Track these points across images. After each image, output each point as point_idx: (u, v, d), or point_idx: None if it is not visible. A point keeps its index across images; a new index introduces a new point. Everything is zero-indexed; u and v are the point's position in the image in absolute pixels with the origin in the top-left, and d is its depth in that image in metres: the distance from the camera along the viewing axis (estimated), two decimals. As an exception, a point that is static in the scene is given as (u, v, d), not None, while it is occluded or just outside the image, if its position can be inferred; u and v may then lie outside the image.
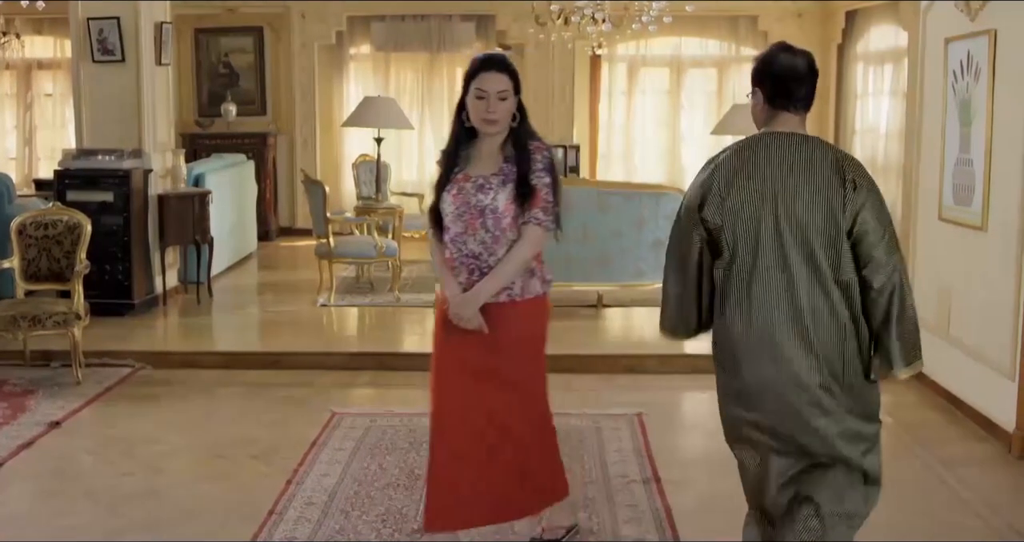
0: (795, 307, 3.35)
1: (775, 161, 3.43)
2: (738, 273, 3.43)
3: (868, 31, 11.64)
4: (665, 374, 7.15)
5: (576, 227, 8.07)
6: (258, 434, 5.82)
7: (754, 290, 3.39)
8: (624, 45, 13.10)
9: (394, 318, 8.60)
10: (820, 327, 3.34)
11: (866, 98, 11.85)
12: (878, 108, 11.39)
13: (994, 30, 5.72)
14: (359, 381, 6.99)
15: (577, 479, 5.09)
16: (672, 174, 13.37)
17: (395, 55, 13.03)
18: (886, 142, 11.01)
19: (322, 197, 8.88)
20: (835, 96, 12.79)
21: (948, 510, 4.82)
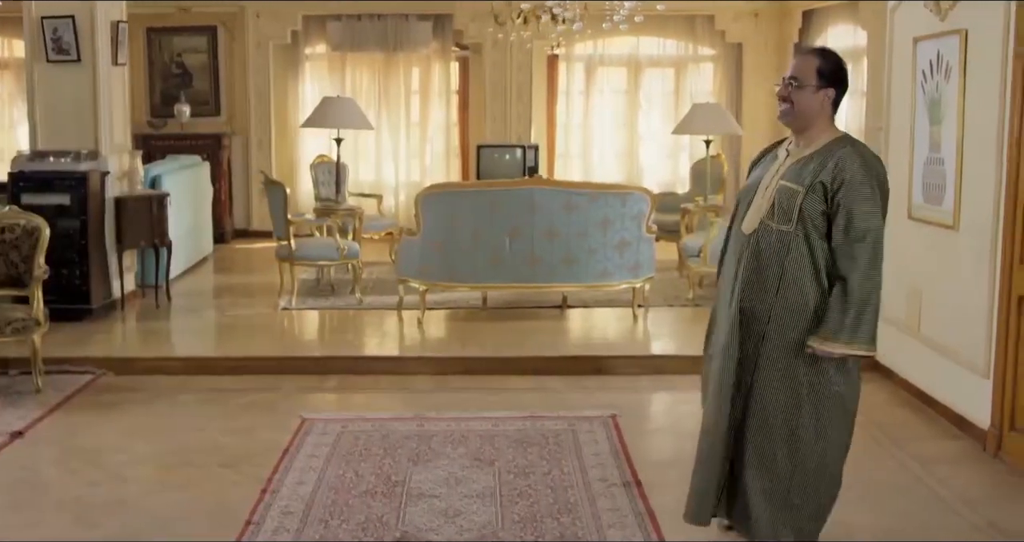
0: None
1: None
2: None
3: (825, 30, 11.68)
4: (632, 375, 7.12)
5: (542, 227, 8.02)
6: (226, 441, 5.70)
7: None
8: (582, 45, 13.07)
9: (358, 321, 8.48)
10: None
11: (823, 97, 11.88)
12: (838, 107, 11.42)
13: (965, 30, 5.74)
14: (326, 385, 6.88)
15: (557, 483, 5.04)
16: (630, 174, 13.35)
17: (351, 55, 12.89)
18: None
19: (282, 199, 8.75)
20: (792, 95, 12.82)
21: (927, 509, 4.82)
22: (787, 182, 3.83)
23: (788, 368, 3.84)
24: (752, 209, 3.95)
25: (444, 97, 13.11)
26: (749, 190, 4.02)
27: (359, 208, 10.11)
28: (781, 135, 12.72)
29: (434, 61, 12.97)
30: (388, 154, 13.12)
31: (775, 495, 3.95)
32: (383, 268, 10.39)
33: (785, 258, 3.80)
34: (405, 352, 7.57)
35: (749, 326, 3.88)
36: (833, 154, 3.82)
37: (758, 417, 3.90)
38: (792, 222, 3.79)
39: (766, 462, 3.93)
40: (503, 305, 8.86)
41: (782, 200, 3.82)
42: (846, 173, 3.75)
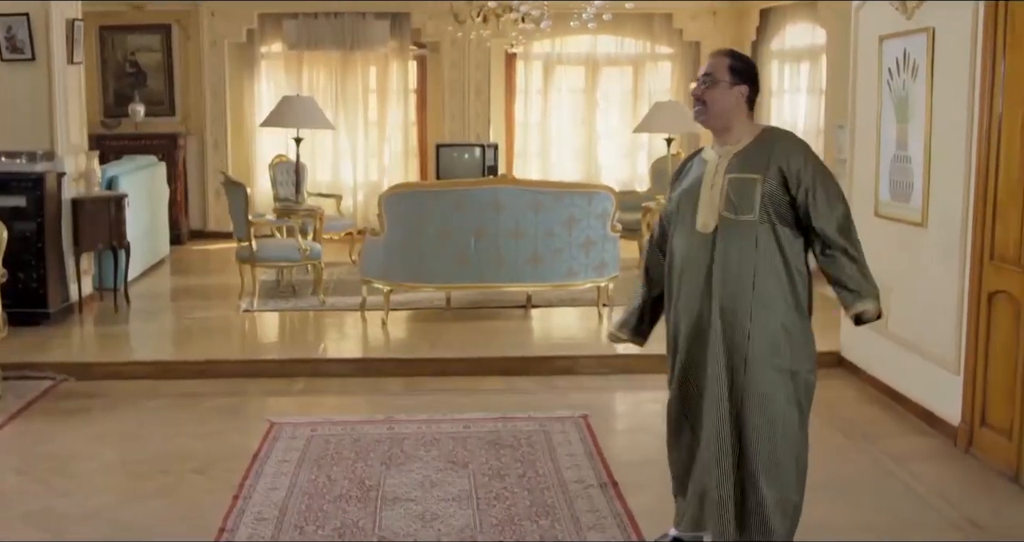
0: None
1: None
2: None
3: (783, 29, 11.75)
4: (601, 375, 7.11)
5: (508, 227, 7.98)
6: (195, 447, 5.60)
7: None
8: (540, 43, 13.06)
9: (321, 322, 8.40)
10: None
11: (782, 95, 11.96)
12: (795, 105, 11.50)
13: (932, 28, 5.77)
14: (293, 389, 6.79)
15: (534, 485, 5.01)
16: (589, 172, 13.36)
17: (308, 53, 12.78)
18: (804, 138, 11.09)
19: (243, 199, 8.63)
20: (749, 93, 12.88)
21: (904, 505, 4.83)
22: (738, 174, 3.79)
23: (775, 363, 3.80)
24: (702, 209, 3.86)
25: (402, 96, 13.04)
26: (690, 193, 3.93)
27: (319, 208, 10.01)
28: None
29: (392, 60, 12.90)
30: (346, 154, 13.02)
31: (785, 499, 3.87)
32: (343, 269, 10.32)
33: (755, 250, 3.76)
34: (373, 354, 7.49)
35: (733, 326, 3.82)
36: (771, 141, 3.84)
37: (758, 420, 3.83)
38: (755, 211, 3.75)
39: (775, 467, 3.83)
40: (467, 305, 8.82)
41: (738, 191, 3.77)
42: (796, 155, 3.78)
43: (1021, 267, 4.97)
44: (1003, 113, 5.11)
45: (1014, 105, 5.02)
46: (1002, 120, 5.13)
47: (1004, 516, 4.68)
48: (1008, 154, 5.08)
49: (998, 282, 5.16)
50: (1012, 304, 5.05)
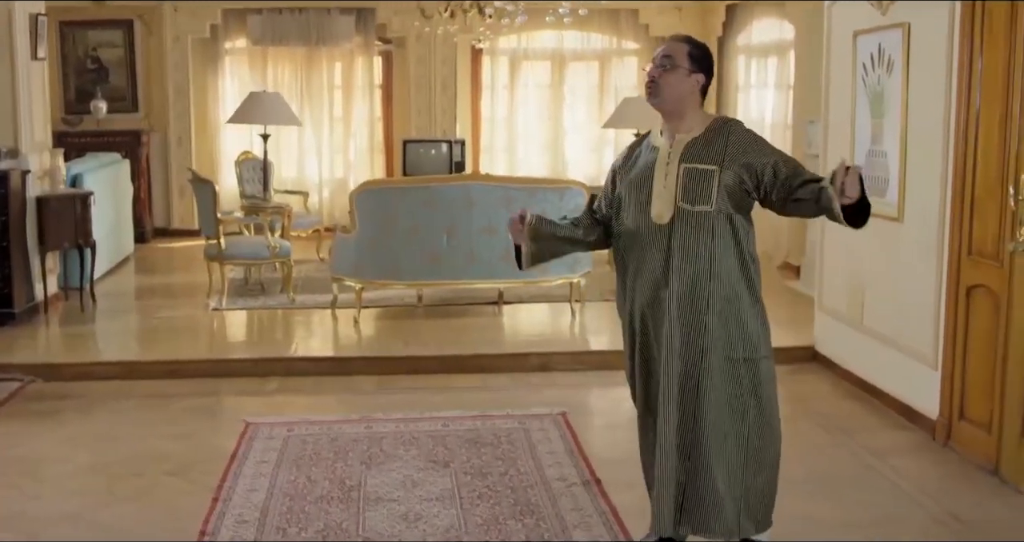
0: None
1: None
2: None
3: (750, 25, 11.77)
4: (577, 371, 7.09)
5: (480, 223, 7.94)
6: (170, 448, 5.52)
7: None
8: (506, 39, 13.01)
9: (292, 321, 8.31)
10: None
11: (748, 90, 11.99)
12: (762, 100, 11.52)
13: (908, 24, 5.78)
14: (267, 388, 6.71)
15: (517, 484, 4.97)
16: (555, 167, 13.34)
17: (272, 49, 12.65)
18: (771, 133, 11.13)
19: (212, 196, 8.52)
20: (716, 88, 12.94)
21: (888, 500, 4.84)
22: (694, 164, 3.76)
23: (733, 353, 3.78)
24: (656, 199, 3.81)
25: (367, 92, 12.96)
26: (642, 181, 3.87)
27: (287, 206, 9.92)
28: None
29: (357, 55, 12.81)
30: (311, 150, 12.93)
31: (737, 488, 3.86)
32: (311, 266, 10.24)
33: (711, 241, 3.76)
34: (346, 352, 7.41)
35: (691, 316, 3.76)
36: (725, 132, 3.81)
37: (712, 416, 3.78)
38: (712, 201, 3.73)
39: (725, 459, 3.82)
40: (438, 302, 8.76)
41: (694, 182, 3.75)
42: (754, 150, 3.77)
43: (1000, 262, 4.99)
44: (980, 109, 5.13)
45: (992, 101, 5.04)
46: (979, 116, 5.15)
47: (986, 510, 4.70)
48: (986, 149, 5.10)
49: (976, 276, 5.19)
50: (991, 298, 5.08)
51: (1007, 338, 4.93)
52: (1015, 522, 4.59)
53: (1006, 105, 4.91)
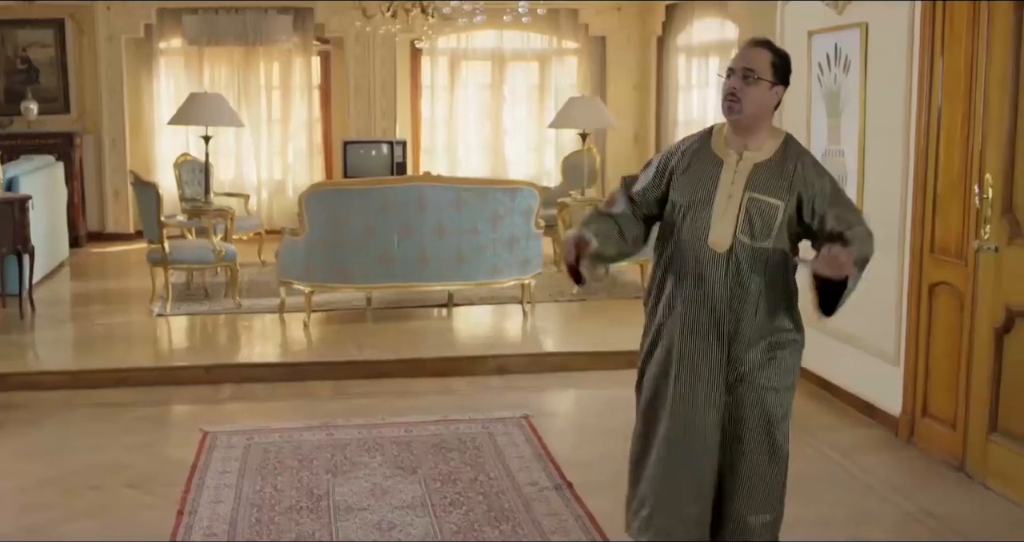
0: None
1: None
2: None
3: (690, 24, 11.82)
4: (535, 373, 7.04)
5: (432, 225, 7.85)
6: (128, 460, 5.36)
7: None
8: (445, 38, 12.92)
9: (240, 326, 8.16)
10: None
11: (689, 90, 12.04)
12: (703, 100, 11.58)
13: (866, 23, 5.82)
14: (221, 396, 6.56)
15: (488, 490, 4.91)
16: (496, 168, 13.29)
17: (209, 49, 12.43)
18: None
19: (155, 200, 8.32)
20: (656, 88, 12.98)
21: (859, 497, 4.86)
22: (760, 195, 3.53)
23: (773, 383, 3.65)
24: (716, 225, 3.56)
25: (306, 92, 12.80)
26: (698, 202, 3.60)
27: (230, 208, 9.74)
28: (647, 127, 12.84)
29: (295, 56, 12.65)
30: (249, 152, 12.73)
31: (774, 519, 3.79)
32: (252, 270, 10.06)
33: (765, 273, 3.56)
34: (300, 358, 7.28)
35: (735, 343, 3.61)
36: (794, 159, 3.59)
37: (758, 439, 3.69)
38: (771, 238, 3.54)
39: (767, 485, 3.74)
40: (388, 305, 8.67)
41: (758, 214, 3.53)
42: (819, 180, 3.58)
43: (964, 259, 5.03)
44: (943, 108, 5.18)
45: (954, 100, 5.08)
46: (941, 114, 5.19)
47: (958, 505, 4.74)
48: (948, 148, 5.14)
49: (940, 274, 5.23)
50: (955, 295, 5.12)
51: (972, 335, 4.98)
52: (987, 516, 4.63)
53: (969, 103, 4.95)
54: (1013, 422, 4.76)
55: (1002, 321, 4.76)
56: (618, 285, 9.61)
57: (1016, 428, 4.74)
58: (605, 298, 9.14)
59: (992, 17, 4.76)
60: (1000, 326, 4.77)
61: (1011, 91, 4.66)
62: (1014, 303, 4.68)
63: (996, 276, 4.80)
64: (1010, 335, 4.75)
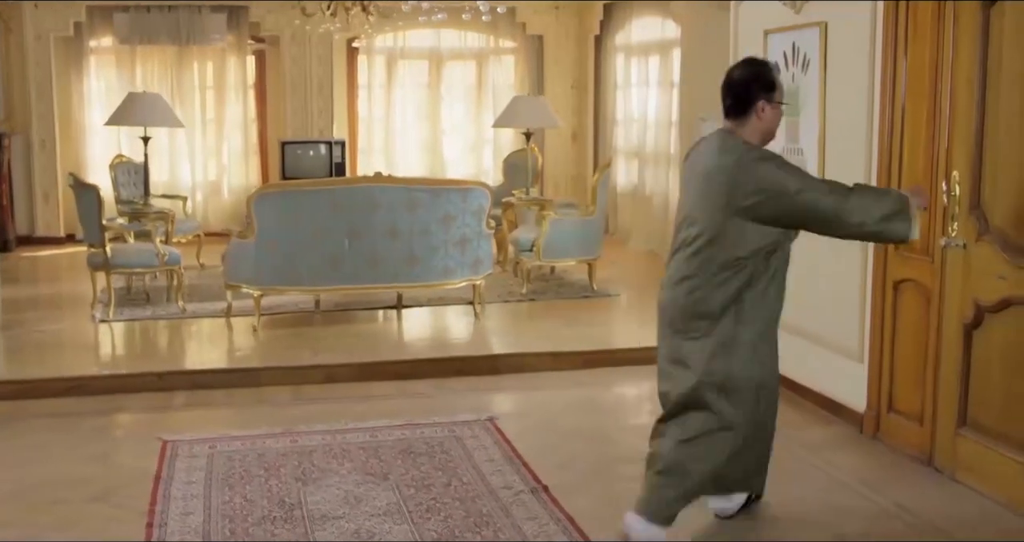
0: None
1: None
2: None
3: (629, 23, 11.86)
4: (495, 375, 6.99)
5: (383, 226, 7.76)
6: (87, 472, 5.19)
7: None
8: (382, 37, 12.82)
9: (187, 331, 7.99)
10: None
11: (628, 89, 12.07)
12: (642, 98, 11.61)
13: (825, 22, 5.86)
14: (176, 403, 6.41)
15: (463, 495, 4.84)
16: (433, 167, 13.22)
17: (141, 48, 12.19)
18: (656, 131, 11.25)
19: (95, 202, 8.11)
20: (593, 87, 13.00)
21: (830, 494, 4.88)
22: None
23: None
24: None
25: (241, 92, 12.62)
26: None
27: (170, 211, 9.54)
28: (584, 126, 12.88)
29: (229, 54, 12.47)
30: (183, 153, 12.50)
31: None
32: (192, 273, 9.87)
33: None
34: (255, 362, 7.12)
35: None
36: None
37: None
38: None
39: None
40: (335, 308, 8.55)
41: None
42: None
43: (930, 256, 5.08)
44: (906, 106, 5.22)
45: (918, 99, 5.13)
46: (905, 113, 5.24)
47: (931, 499, 4.78)
48: (912, 146, 5.19)
49: (905, 271, 5.28)
50: (921, 292, 5.17)
51: (940, 332, 5.03)
52: (960, 510, 4.66)
53: (934, 102, 5.00)
54: (982, 416, 4.81)
55: (971, 317, 4.81)
56: (565, 285, 9.61)
57: (985, 422, 4.79)
58: (553, 298, 9.13)
59: (958, 16, 4.81)
60: (969, 322, 4.83)
61: (978, 90, 4.72)
62: (983, 299, 4.73)
63: (964, 272, 4.86)
64: (979, 331, 4.80)
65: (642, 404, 6.70)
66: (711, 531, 4.52)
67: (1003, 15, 4.58)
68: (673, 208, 10.59)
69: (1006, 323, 4.62)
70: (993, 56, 4.64)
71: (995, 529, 4.48)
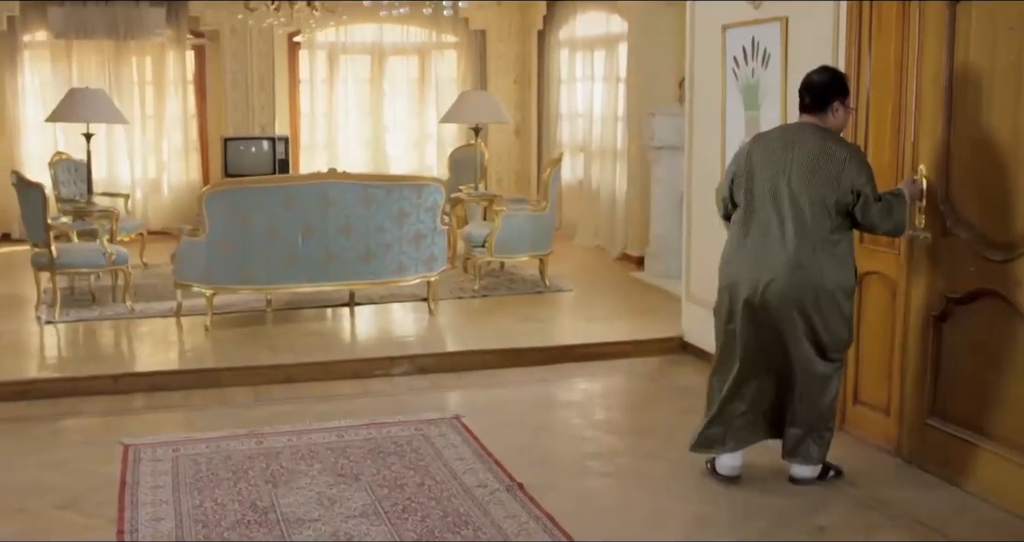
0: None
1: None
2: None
3: (573, 18, 11.85)
4: (454, 372, 6.95)
5: (337, 223, 7.68)
6: (49, 478, 5.05)
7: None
8: (324, 32, 12.69)
9: (137, 331, 7.81)
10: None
11: (573, 83, 12.07)
12: (587, 93, 11.62)
13: (786, 18, 5.90)
14: (134, 406, 6.28)
15: (438, 494, 4.80)
16: (376, 163, 13.12)
17: (77, 43, 11.92)
18: (602, 125, 11.27)
19: (40, 201, 7.90)
20: (536, 82, 12.99)
21: (805, 487, 4.90)
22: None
23: None
24: None
25: (180, 88, 12.39)
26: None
27: (115, 209, 9.35)
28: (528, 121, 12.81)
29: (168, 49, 12.24)
30: (121, 150, 12.27)
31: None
32: (136, 272, 9.63)
33: None
34: (211, 363, 6.99)
35: None
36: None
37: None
38: None
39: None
40: (287, 306, 8.44)
41: None
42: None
43: (896, 249, 5.14)
44: (871, 102, 5.27)
45: (883, 95, 5.18)
46: (870, 108, 5.28)
47: (904, 490, 4.83)
48: (878, 141, 5.24)
49: (871, 264, 5.32)
50: (887, 284, 5.23)
51: (907, 323, 5.09)
52: (932, 500, 4.72)
53: (900, 98, 5.06)
54: (951, 407, 4.88)
55: (940, 309, 4.87)
56: (516, 280, 9.59)
57: (954, 412, 4.86)
58: (505, 294, 9.10)
59: (924, 14, 4.87)
60: (938, 314, 4.89)
61: (945, 86, 4.78)
62: (953, 291, 4.80)
63: (931, 265, 4.92)
64: (947, 323, 4.87)
65: (604, 400, 6.73)
66: (697, 528, 4.53)
67: (970, 13, 4.64)
68: (621, 203, 10.64)
69: (978, 315, 4.68)
70: (960, 53, 4.70)
71: (969, 519, 4.54)
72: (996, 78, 4.52)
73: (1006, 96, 4.48)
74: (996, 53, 4.52)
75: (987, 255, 4.60)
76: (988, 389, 4.64)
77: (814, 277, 4.57)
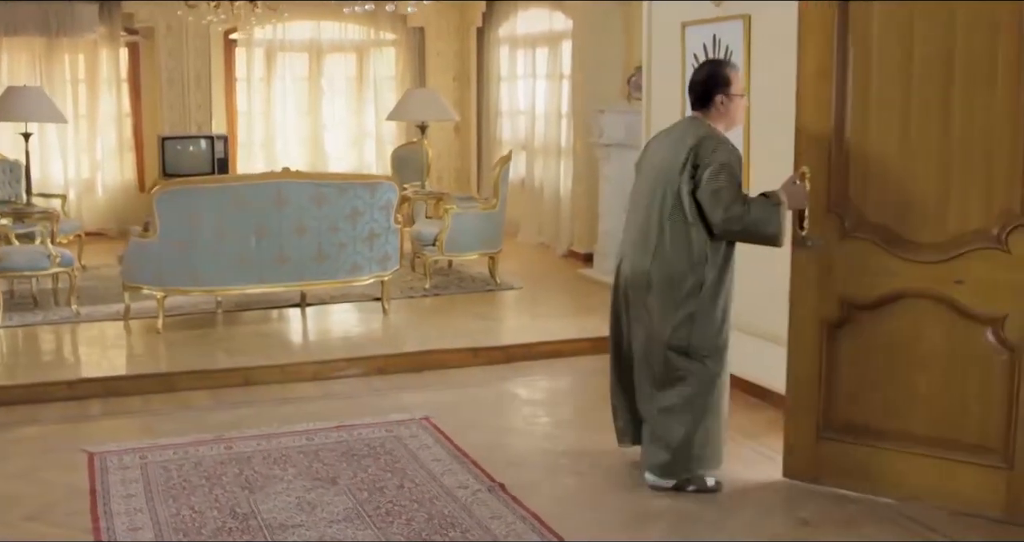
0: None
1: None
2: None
3: (514, 15, 11.83)
4: (414, 372, 6.91)
5: (291, 223, 7.58)
6: (15, 489, 4.91)
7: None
8: (261, 30, 12.51)
9: (85, 335, 7.63)
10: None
11: (514, 81, 12.06)
12: (529, 90, 11.60)
13: (748, 15, 5.94)
14: (91, 412, 6.13)
15: (420, 496, 4.76)
16: (315, 161, 12.97)
17: (7, 40, 11.60)
18: (544, 123, 11.27)
19: (-19, 204, 7.71)
20: (476, 79, 12.96)
21: (781, 479, 4.95)
22: None
23: None
24: None
25: (114, 86, 12.12)
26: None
27: (55, 210, 9.13)
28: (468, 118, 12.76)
29: (102, 47, 11.97)
30: (54, 149, 11.97)
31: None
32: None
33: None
34: (167, 367, 6.85)
35: None
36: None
37: None
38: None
39: None
40: (237, 307, 8.32)
41: None
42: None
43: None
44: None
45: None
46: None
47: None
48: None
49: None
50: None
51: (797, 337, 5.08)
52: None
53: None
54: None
55: (837, 317, 4.86)
56: (465, 278, 9.55)
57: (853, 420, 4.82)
58: (456, 292, 9.07)
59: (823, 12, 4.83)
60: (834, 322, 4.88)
61: (836, 84, 4.75)
62: (856, 297, 4.74)
63: (824, 271, 4.85)
64: (843, 330, 4.86)
65: (568, 397, 6.72)
66: (679, 522, 4.54)
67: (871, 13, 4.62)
68: (566, 200, 10.66)
69: (891, 318, 4.62)
70: (859, 50, 4.66)
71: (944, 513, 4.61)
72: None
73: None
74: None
75: (909, 257, 4.53)
76: (906, 390, 4.60)
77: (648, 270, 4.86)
